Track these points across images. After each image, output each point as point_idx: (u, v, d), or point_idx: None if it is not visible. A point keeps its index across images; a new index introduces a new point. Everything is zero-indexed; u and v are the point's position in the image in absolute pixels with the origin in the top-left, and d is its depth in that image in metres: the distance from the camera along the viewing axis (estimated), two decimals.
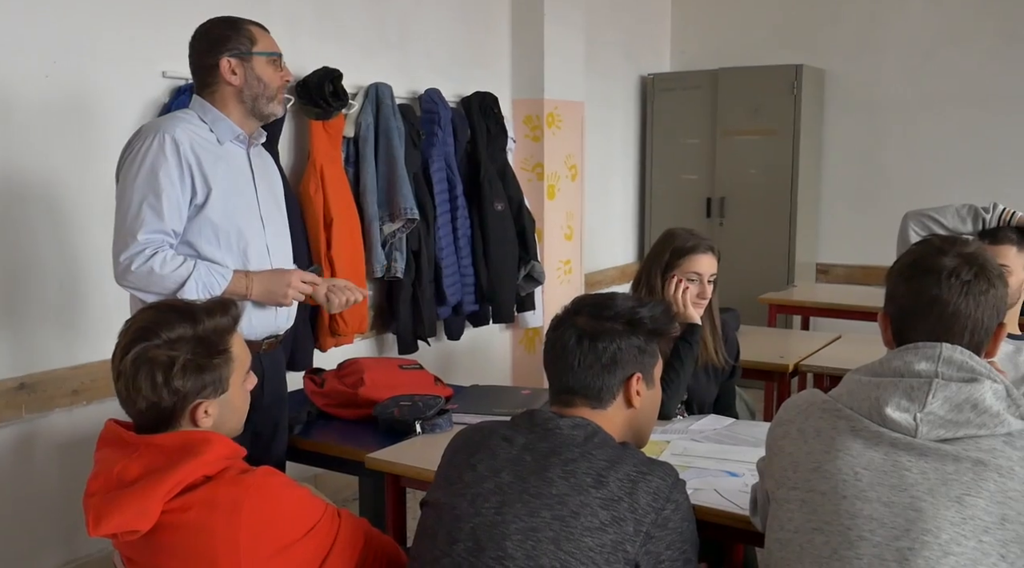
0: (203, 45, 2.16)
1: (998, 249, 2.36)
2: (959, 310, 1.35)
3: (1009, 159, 4.87)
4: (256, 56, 2.15)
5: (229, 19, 2.19)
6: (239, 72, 2.14)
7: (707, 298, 2.48)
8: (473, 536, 1.39)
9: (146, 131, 2.08)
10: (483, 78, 4.44)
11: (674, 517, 1.40)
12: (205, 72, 2.16)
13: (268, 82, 2.17)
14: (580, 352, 1.49)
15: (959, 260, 1.37)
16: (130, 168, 2.04)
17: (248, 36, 2.16)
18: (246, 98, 2.16)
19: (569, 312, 1.55)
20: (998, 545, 1.23)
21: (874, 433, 1.33)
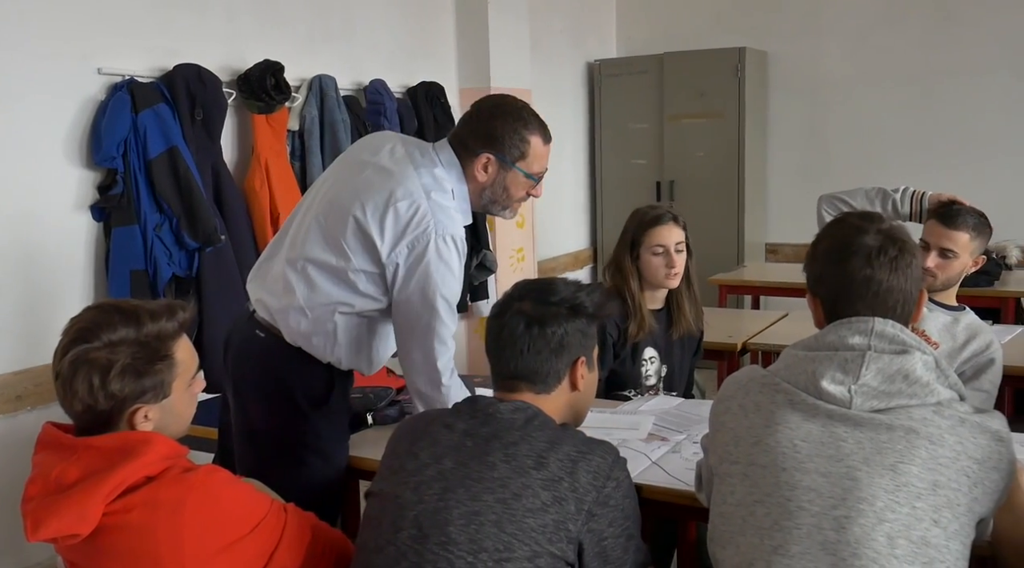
0: (481, 127, 1.97)
1: (953, 234, 2.41)
2: (892, 286, 1.40)
3: (946, 133, 4.98)
4: (516, 170, 1.98)
5: (519, 113, 1.97)
6: (491, 172, 1.98)
7: (676, 267, 2.50)
8: (417, 523, 1.39)
9: (433, 228, 1.88)
10: (429, 68, 4.42)
11: (615, 495, 1.41)
12: (466, 151, 1.98)
13: (512, 195, 2.03)
14: (529, 338, 1.50)
15: (881, 237, 1.41)
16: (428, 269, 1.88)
17: (521, 148, 1.96)
18: (484, 197, 2.02)
19: (512, 298, 1.55)
20: (930, 510, 1.26)
21: (811, 406, 1.36)
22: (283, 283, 1.97)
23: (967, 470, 1.30)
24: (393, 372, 2.72)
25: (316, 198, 2.02)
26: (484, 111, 2.00)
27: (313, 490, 1.94)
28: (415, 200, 1.88)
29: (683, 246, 2.52)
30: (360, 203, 1.90)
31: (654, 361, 2.59)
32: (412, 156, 1.96)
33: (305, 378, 1.99)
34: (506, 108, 1.99)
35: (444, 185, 1.94)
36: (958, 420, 1.32)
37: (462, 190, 1.98)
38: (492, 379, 1.58)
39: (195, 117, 3.16)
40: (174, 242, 3.06)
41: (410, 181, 1.91)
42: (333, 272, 1.93)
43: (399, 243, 1.88)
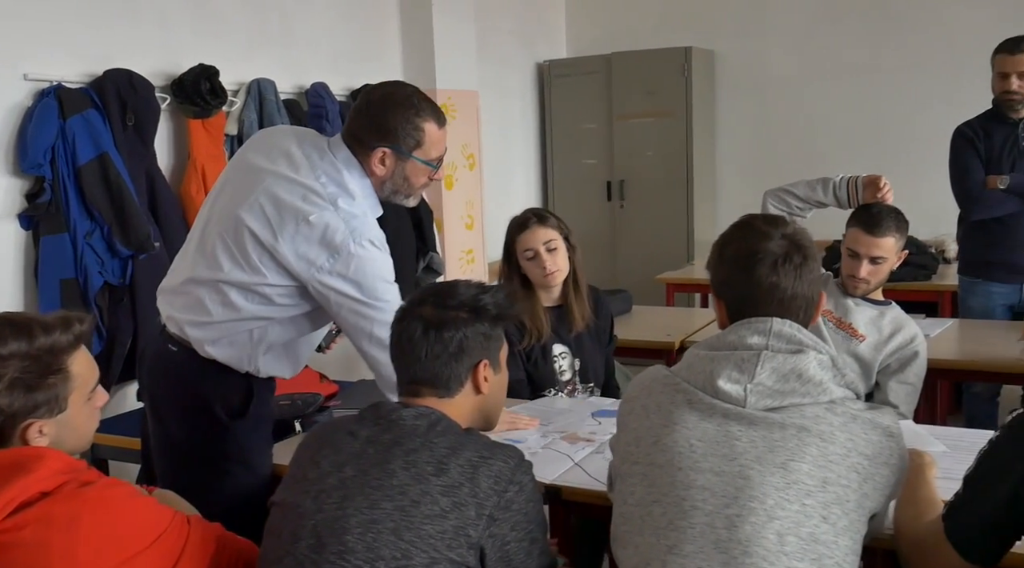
0: (372, 120, 1.92)
1: (879, 241, 2.44)
2: (796, 293, 1.43)
3: (888, 128, 5.05)
4: (413, 160, 1.95)
5: (410, 101, 1.93)
6: (388, 164, 1.94)
7: (547, 267, 2.52)
8: (315, 533, 1.38)
9: (349, 238, 1.85)
10: (373, 70, 4.39)
11: (518, 499, 1.41)
12: (361, 146, 1.94)
13: (414, 183, 2.00)
14: (427, 343, 1.49)
15: (786, 244, 1.43)
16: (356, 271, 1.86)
17: (416, 137, 1.92)
18: (385, 189, 1.99)
19: (413, 303, 1.55)
20: (820, 507, 1.28)
21: (708, 405, 1.37)
22: (193, 300, 1.94)
23: (857, 466, 1.31)
24: (327, 378, 2.71)
25: (215, 209, 1.97)
26: (374, 103, 1.94)
27: (238, 500, 1.91)
28: (324, 215, 1.85)
29: (555, 244, 2.53)
30: (267, 221, 1.86)
31: (565, 356, 2.61)
32: (311, 160, 1.92)
33: (222, 389, 1.96)
34: (396, 98, 1.94)
35: (348, 187, 1.91)
36: (850, 417, 1.34)
37: (365, 185, 1.95)
38: (398, 384, 1.57)
39: (127, 123, 3.12)
40: (106, 250, 3.02)
41: (314, 194, 1.87)
42: (247, 288, 1.90)
43: (317, 259, 1.85)
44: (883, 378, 2.52)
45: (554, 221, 2.58)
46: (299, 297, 1.92)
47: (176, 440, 1.99)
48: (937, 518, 1.37)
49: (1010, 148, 3.41)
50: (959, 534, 1.31)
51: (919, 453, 1.67)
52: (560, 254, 2.55)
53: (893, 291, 3.92)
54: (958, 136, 3.54)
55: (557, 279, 2.56)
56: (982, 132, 3.47)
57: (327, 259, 1.84)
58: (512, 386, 2.56)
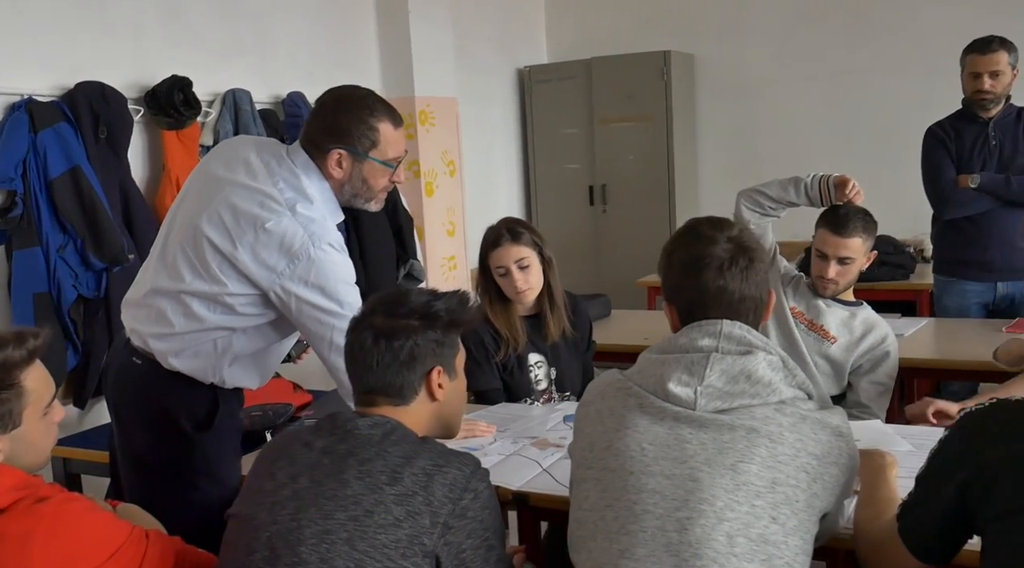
0: (326, 122, 1.92)
1: (847, 242, 2.45)
2: (744, 295, 1.44)
3: (866, 129, 5.06)
4: (370, 161, 1.93)
5: (363, 102, 1.93)
6: (345, 167, 1.93)
7: (518, 284, 2.51)
8: (269, 545, 1.38)
9: (308, 243, 1.84)
10: (350, 78, 4.29)
11: (473, 506, 1.41)
12: (318, 150, 1.93)
13: (373, 186, 1.98)
14: (377, 352, 1.49)
15: (731, 247, 1.44)
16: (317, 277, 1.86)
17: (371, 137, 1.91)
18: (345, 192, 1.97)
19: (365, 313, 1.55)
20: (769, 508, 1.28)
21: (659, 408, 1.37)
22: (156, 312, 1.93)
23: (806, 466, 1.32)
24: (300, 388, 2.71)
25: (176, 220, 1.97)
26: (327, 106, 1.94)
27: (205, 512, 1.89)
28: (282, 221, 1.85)
29: (527, 261, 2.51)
30: (225, 230, 1.86)
31: (541, 365, 2.61)
32: (269, 167, 1.92)
33: (187, 402, 1.96)
34: (350, 99, 1.94)
35: (307, 192, 1.90)
36: (799, 417, 1.35)
37: (324, 189, 1.94)
38: (353, 394, 1.57)
39: (99, 135, 3.12)
40: (80, 263, 3.02)
41: (272, 201, 1.87)
42: (209, 298, 1.89)
43: (277, 265, 1.85)
44: (855, 379, 2.52)
45: (527, 237, 2.55)
46: (262, 306, 1.91)
47: (141, 453, 1.98)
48: (893, 518, 1.37)
49: (980, 147, 3.43)
50: (911, 533, 1.31)
51: (881, 453, 1.67)
52: (533, 271, 2.53)
53: (872, 291, 3.99)
54: (929, 136, 3.56)
55: (529, 297, 2.55)
56: (953, 132, 3.49)
57: (287, 265, 1.84)
58: (488, 395, 2.58)
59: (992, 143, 3.42)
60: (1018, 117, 3.45)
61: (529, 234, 2.57)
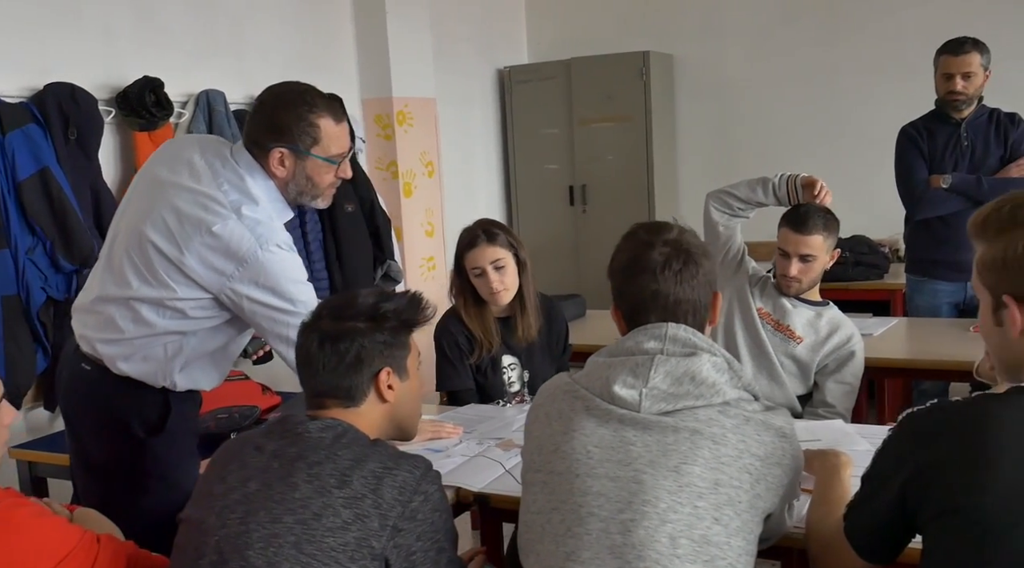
0: (266, 121, 1.91)
1: (807, 239, 2.46)
2: (679, 298, 1.44)
3: (843, 129, 5.07)
4: (313, 158, 1.91)
5: (302, 98, 1.91)
6: (288, 165, 1.91)
7: (494, 285, 2.51)
8: (218, 549, 1.38)
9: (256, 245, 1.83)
10: (328, 79, 4.36)
11: (423, 508, 1.41)
12: (260, 149, 1.91)
13: (318, 183, 1.96)
14: (323, 355, 1.50)
15: (668, 250, 1.45)
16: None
17: (312, 134, 1.89)
18: (290, 190, 1.95)
19: (313, 317, 1.55)
20: (712, 509, 1.29)
21: (604, 411, 1.38)
22: (105, 318, 1.92)
23: (749, 467, 1.32)
24: (269, 390, 2.70)
25: (121, 225, 1.96)
26: (267, 104, 1.93)
27: (160, 517, 1.85)
28: (228, 224, 1.84)
29: (503, 262, 2.52)
30: (170, 235, 1.85)
31: (515, 367, 2.61)
32: (213, 169, 1.90)
33: (138, 406, 1.95)
34: (288, 96, 1.92)
35: (252, 193, 1.89)
36: (743, 419, 1.35)
37: (270, 188, 1.92)
38: (305, 398, 1.57)
39: (69, 137, 3.11)
40: (49, 265, 3.00)
41: (217, 204, 1.86)
42: (158, 303, 1.88)
43: (226, 269, 1.84)
44: (821, 378, 2.53)
45: (503, 238, 2.56)
46: (213, 308, 1.91)
47: (94, 458, 1.97)
48: (841, 517, 1.38)
49: (952, 148, 3.45)
50: (855, 532, 1.33)
51: (836, 453, 1.69)
52: (508, 272, 2.53)
53: (846, 290, 4.01)
54: (902, 136, 3.58)
55: (504, 298, 2.55)
56: (926, 132, 3.51)
57: (235, 268, 1.84)
58: (461, 396, 2.58)
59: (964, 144, 3.45)
60: (990, 118, 3.48)
61: (505, 235, 2.57)
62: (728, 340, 2.61)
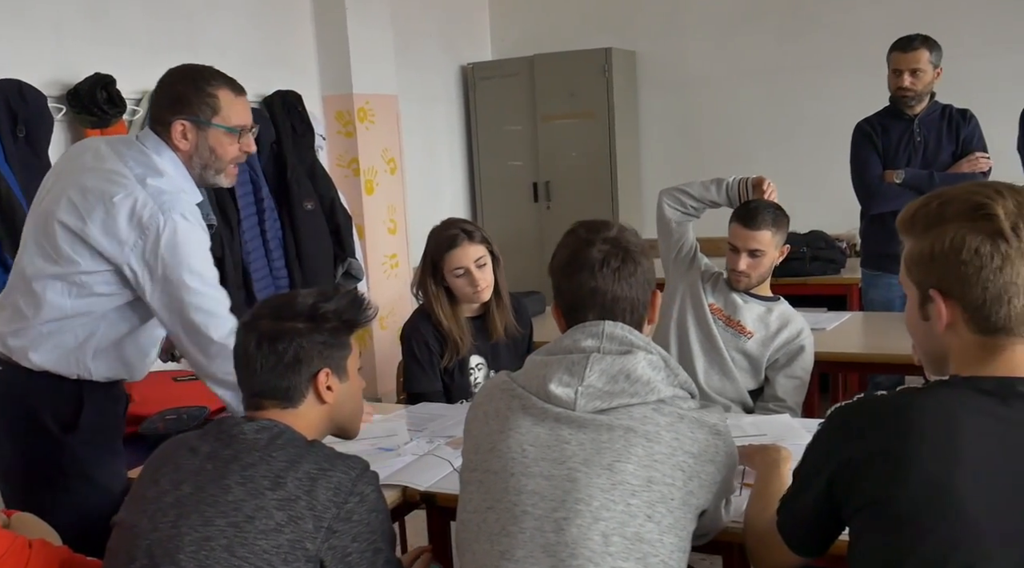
0: (165, 95, 1.95)
1: (756, 235, 2.48)
2: (618, 295, 1.44)
3: (804, 125, 5.11)
4: (214, 128, 1.94)
5: (199, 72, 1.97)
6: (191, 138, 1.93)
7: (479, 284, 2.51)
8: (149, 553, 1.37)
9: (158, 214, 1.82)
10: (288, 76, 4.35)
11: (359, 509, 1.40)
12: (163, 126, 1.94)
13: (221, 155, 1.97)
14: (261, 355, 1.48)
15: (606, 248, 1.45)
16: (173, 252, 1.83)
17: (211, 103, 1.93)
18: (195, 165, 1.97)
19: (253, 317, 1.54)
20: (645, 506, 1.29)
21: (540, 409, 1.38)
22: (11, 309, 1.90)
23: (682, 465, 1.33)
24: None
25: (30, 220, 1.96)
26: (165, 81, 1.97)
27: (85, 518, 1.83)
28: (130, 192, 1.84)
29: (485, 260, 2.52)
30: (74, 208, 1.84)
31: (481, 368, 2.61)
32: (118, 150, 1.93)
33: (51, 401, 1.91)
34: (185, 70, 1.98)
35: (157, 167, 1.90)
36: (677, 416, 1.36)
37: (178, 166, 1.94)
38: (243, 399, 1.56)
39: (17, 134, 3.06)
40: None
41: (120, 176, 1.86)
42: (62, 279, 1.86)
43: (128, 238, 1.83)
44: (772, 373, 2.56)
45: (479, 235, 2.55)
46: (118, 284, 1.89)
47: (11, 459, 1.93)
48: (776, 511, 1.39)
49: (906, 143, 3.50)
50: (787, 526, 1.34)
51: (777, 448, 1.70)
52: (489, 269, 2.53)
53: (804, 285, 4.05)
54: (857, 131, 3.62)
55: (487, 294, 2.54)
56: (880, 127, 3.56)
57: (137, 236, 1.83)
58: (429, 398, 2.57)
59: (917, 140, 3.49)
60: (943, 114, 3.53)
61: (480, 232, 2.57)
62: (680, 336, 2.63)
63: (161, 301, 1.86)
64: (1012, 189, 1.22)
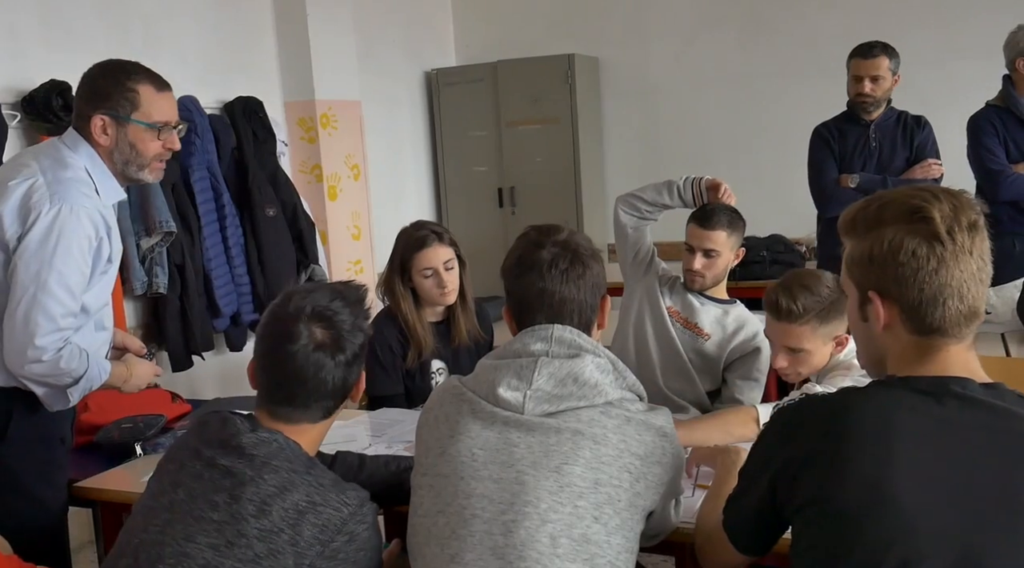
0: (86, 90, 1.95)
1: (711, 234, 2.52)
2: (565, 296, 1.45)
3: (764, 131, 5.18)
4: (134, 124, 1.92)
5: (121, 67, 1.96)
6: (111, 133, 1.92)
7: (447, 286, 2.51)
8: (135, 554, 1.36)
9: (46, 199, 1.82)
10: (249, 82, 4.33)
11: (346, 548, 1.36)
12: (83, 121, 1.93)
13: (142, 151, 1.95)
14: (329, 365, 1.44)
15: (556, 250, 1.46)
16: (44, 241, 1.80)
17: (131, 98, 1.91)
18: (116, 161, 1.95)
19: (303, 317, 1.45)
20: (592, 508, 1.31)
21: (489, 414, 1.39)
22: None
23: (629, 466, 1.35)
24: (179, 398, 2.66)
25: None
26: (88, 76, 1.97)
27: (21, 531, 1.79)
28: (27, 177, 1.84)
29: (453, 263, 2.54)
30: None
31: (442, 372, 2.61)
32: (36, 149, 1.95)
33: None
34: (108, 66, 1.97)
35: (65, 161, 1.89)
36: (624, 419, 1.37)
37: (95, 161, 1.93)
38: (258, 397, 1.49)
39: None
40: None
41: (25, 166, 1.88)
42: None
43: (13, 221, 1.82)
44: (728, 374, 2.59)
45: (448, 237, 2.57)
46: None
47: None
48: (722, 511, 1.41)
49: (861, 148, 3.56)
50: (732, 525, 1.35)
51: (736, 449, 1.70)
52: (455, 272, 2.55)
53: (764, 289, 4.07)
54: (815, 136, 3.69)
55: (452, 297, 2.56)
56: (837, 132, 3.62)
57: (22, 219, 1.82)
58: (391, 400, 2.56)
59: (872, 145, 3.56)
60: (898, 120, 3.60)
61: (448, 235, 2.59)
62: (639, 339, 2.66)
63: (15, 281, 1.82)
64: (949, 193, 1.24)
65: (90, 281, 1.90)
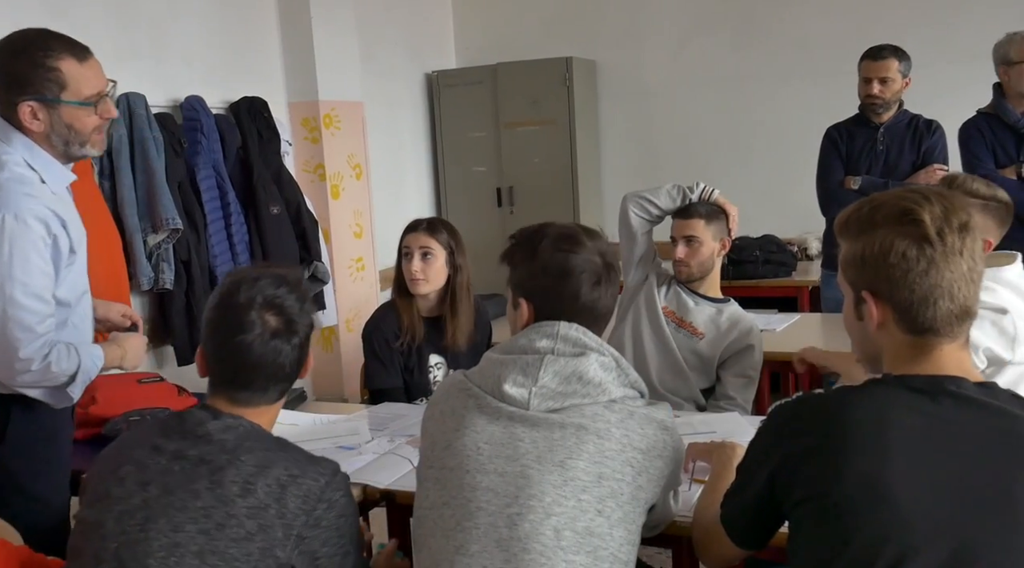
0: (3, 76, 1.79)
1: (689, 222, 2.60)
2: (609, 308, 1.53)
3: (756, 133, 5.25)
4: (65, 105, 1.79)
5: (34, 44, 1.80)
6: (42, 118, 1.79)
7: (415, 275, 2.56)
8: (117, 557, 1.37)
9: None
10: (254, 82, 4.39)
11: (327, 516, 1.41)
12: (8, 109, 1.79)
13: (80, 129, 1.84)
14: (286, 350, 1.46)
15: (601, 263, 1.52)
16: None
17: (55, 79, 1.78)
18: (55, 143, 1.84)
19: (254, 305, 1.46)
20: (595, 501, 1.36)
21: (495, 409, 1.44)
22: None
23: (632, 461, 1.39)
24: (185, 391, 2.71)
25: None
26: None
27: (26, 531, 1.74)
28: None
29: (432, 254, 2.58)
30: None
31: (440, 367, 2.66)
32: None
33: None
34: (18, 44, 1.80)
35: (1, 160, 1.77)
36: (627, 414, 1.42)
37: (32, 151, 1.81)
38: (209, 384, 1.51)
39: None
40: None
41: None
42: None
43: None
44: (722, 372, 2.65)
45: (444, 236, 2.60)
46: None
47: None
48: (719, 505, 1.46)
49: (868, 151, 3.59)
50: (729, 519, 1.39)
51: (733, 445, 1.74)
52: (434, 265, 2.57)
53: (756, 287, 4.17)
54: (825, 137, 3.72)
55: (420, 287, 2.59)
56: (846, 134, 3.65)
57: None
58: (389, 394, 2.62)
59: (879, 148, 3.58)
60: (909, 124, 3.57)
61: (447, 235, 2.62)
62: (635, 337, 2.72)
63: None
64: (940, 195, 1.27)
65: (58, 277, 1.83)
